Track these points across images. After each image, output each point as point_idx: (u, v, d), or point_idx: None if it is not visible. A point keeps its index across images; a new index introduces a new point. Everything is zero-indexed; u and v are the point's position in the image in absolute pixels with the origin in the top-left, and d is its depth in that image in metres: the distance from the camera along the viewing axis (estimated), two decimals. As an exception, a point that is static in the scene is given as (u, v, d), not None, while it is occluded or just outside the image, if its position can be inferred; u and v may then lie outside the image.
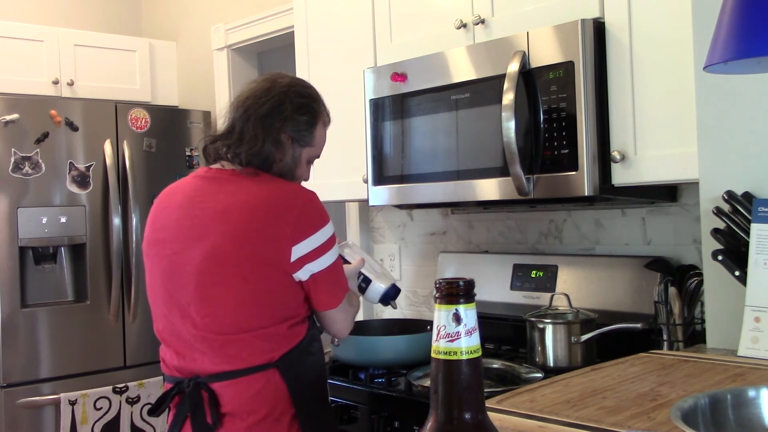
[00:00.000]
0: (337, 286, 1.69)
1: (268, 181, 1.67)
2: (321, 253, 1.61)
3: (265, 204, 1.60)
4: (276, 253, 1.57)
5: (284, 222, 1.58)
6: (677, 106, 1.68)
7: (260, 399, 1.58)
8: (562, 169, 1.80)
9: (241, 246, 1.57)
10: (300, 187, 1.68)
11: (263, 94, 1.72)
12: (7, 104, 3.15)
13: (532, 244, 2.39)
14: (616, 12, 1.77)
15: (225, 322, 1.58)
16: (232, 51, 3.67)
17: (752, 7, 1.02)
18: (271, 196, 1.62)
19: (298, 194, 1.63)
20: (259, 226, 1.58)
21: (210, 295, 1.58)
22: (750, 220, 1.44)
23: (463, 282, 0.76)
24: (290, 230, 1.57)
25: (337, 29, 2.51)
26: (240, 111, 1.72)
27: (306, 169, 1.79)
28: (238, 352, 1.58)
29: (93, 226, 3.34)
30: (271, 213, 1.58)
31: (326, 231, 1.63)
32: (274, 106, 1.70)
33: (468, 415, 0.76)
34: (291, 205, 1.60)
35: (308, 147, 1.76)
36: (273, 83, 1.74)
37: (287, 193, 1.63)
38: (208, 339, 1.59)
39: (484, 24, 2.04)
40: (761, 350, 1.38)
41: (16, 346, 3.13)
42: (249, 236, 1.57)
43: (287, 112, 1.70)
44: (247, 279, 1.57)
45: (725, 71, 1.15)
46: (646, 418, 1.04)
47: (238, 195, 1.63)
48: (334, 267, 1.66)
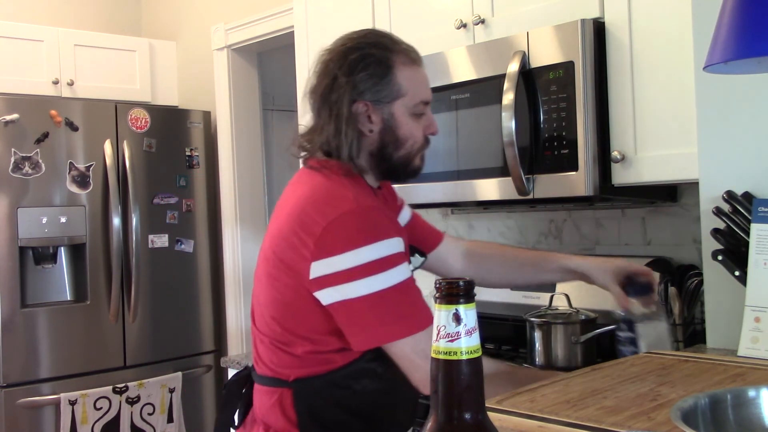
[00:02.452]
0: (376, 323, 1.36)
1: (323, 179, 1.45)
2: (350, 278, 1.33)
3: (302, 207, 1.41)
4: (298, 263, 1.37)
5: (310, 231, 1.36)
6: (677, 106, 1.68)
7: (272, 415, 1.44)
8: (562, 169, 1.80)
9: (276, 247, 1.42)
10: (348, 196, 1.39)
11: (320, 73, 1.50)
12: (7, 104, 3.15)
13: (532, 244, 2.39)
14: (616, 12, 1.77)
15: (260, 321, 1.47)
16: (232, 51, 3.67)
17: (752, 7, 1.02)
18: (311, 198, 1.41)
19: (341, 202, 1.38)
20: (291, 229, 1.40)
21: (255, 291, 1.50)
22: (750, 220, 1.44)
23: (463, 282, 0.76)
24: (314, 242, 1.35)
25: (337, 29, 2.50)
26: (309, 100, 1.52)
27: (415, 124, 1.48)
28: (265, 357, 1.47)
29: (93, 226, 3.34)
30: (302, 218, 1.39)
31: (362, 254, 1.33)
32: (329, 81, 1.47)
33: (468, 415, 0.75)
34: (324, 213, 1.36)
35: (399, 99, 1.46)
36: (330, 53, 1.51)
37: (329, 198, 1.40)
38: (257, 336, 1.50)
39: (484, 24, 2.04)
40: (761, 350, 1.38)
41: (16, 346, 3.13)
42: (281, 238, 1.42)
43: (341, 79, 1.45)
44: (272, 282, 1.43)
45: (725, 71, 1.15)
46: (646, 418, 1.04)
47: (293, 193, 1.48)
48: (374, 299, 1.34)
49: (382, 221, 1.39)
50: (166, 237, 3.56)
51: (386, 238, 1.36)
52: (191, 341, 3.65)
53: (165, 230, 3.56)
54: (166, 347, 3.54)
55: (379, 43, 1.49)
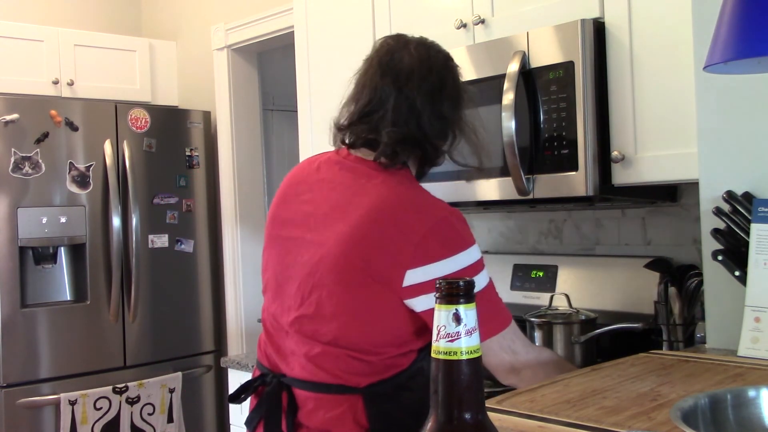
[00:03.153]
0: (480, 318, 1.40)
1: (405, 182, 1.44)
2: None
3: (391, 211, 1.36)
4: (389, 271, 1.33)
5: (407, 238, 1.33)
6: (677, 106, 1.68)
7: (339, 422, 1.40)
8: (562, 169, 1.80)
9: (353, 253, 1.36)
10: (440, 202, 1.41)
11: (441, 77, 1.48)
12: (7, 104, 3.15)
13: (532, 244, 2.39)
14: (616, 12, 1.77)
15: (322, 330, 1.40)
16: (232, 51, 3.67)
17: (752, 7, 1.02)
18: (402, 202, 1.38)
19: (434, 208, 1.38)
20: (379, 235, 1.35)
21: (312, 297, 1.41)
22: (750, 220, 1.44)
23: (463, 282, 0.76)
24: (411, 250, 1.32)
25: (337, 29, 2.51)
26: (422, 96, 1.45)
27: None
28: (329, 365, 1.40)
29: (93, 226, 3.34)
30: (395, 224, 1.35)
31: (459, 260, 1.35)
32: (454, 79, 1.52)
33: (468, 415, 0.76)
34: (421, 220, 1.35)
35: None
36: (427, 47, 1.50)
37: (422, 204, 1.38)
38: (305, 341, 1.42)
39: (484, 24, 2.04)
40: (761, 350, 1.38)
41: (16, 346, 3.13)
42: (364, 244, 1.35)
43: (465, 99, 1.53)
44: (351, 290, 1.37)
45: (725, 71, 1.15)
46: (646, 418, 1.04)
47: (365, 194, 1.41)
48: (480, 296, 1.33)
49: (468, 227, 1.43)
50: (166, 237, 3.56)
51: (474, 243, 1.40)
52: (191, 341, 3.65)
53: (165, 230, 3.56)
54: (166, 347, 3.55)
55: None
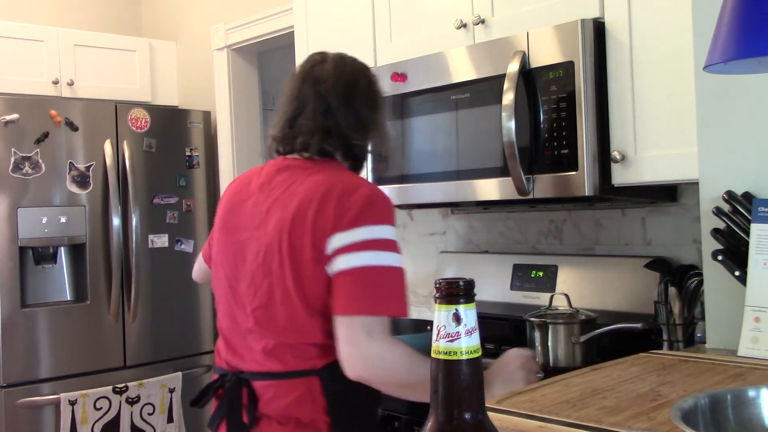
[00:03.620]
0: (364, 295, 1.41)
1: (335, 169, 1.55)
2: (361, 248, 1.41)
3: (322, 192, 1.46)
4: (321, 245, 1.43)
5: (334, 212, 1.43)
6: (677, 106, 1.68)
7: (298, 406, 1.48)
8: (562, 169, 1.80)
9: (295, 235, 1.45)
10: (371, 184, 1.52)
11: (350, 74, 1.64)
12: (7, 104, 3.15)
13: (532, 244, 2.39)
14: (616, 12, 1.77)
15: (276, 317, 1.48)
16: (232, 51, 3.67)
17: (752, 7, 1.02)
18: (332, 184, 1.47)
19: (362, 187, 1.48)
20: (313, 214, 1.44)
21: (263, 287, 1.49)
22: (750, 220, 1.44)
23: (463, 282, 0.76)
24: (335, 220, 1.42)
25: (337, 29, 2.51)
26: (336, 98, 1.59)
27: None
28: (282, 353, 1.48)
29: (93, 226, 3.34)
30: (325, 202, 1.44)
31: (378, 231, 1.43)
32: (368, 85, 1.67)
33: (468, 415, 0.75)
34: (350, 195, 1.44)
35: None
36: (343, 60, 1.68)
37: (351, 183, 1.48)
38: (262, 335, 1.50)
39: (484, 24, 2.04)
40: (761, 350, 1.38)
41: (16, 346, 3.13)
42: (302, 225, 1.45)
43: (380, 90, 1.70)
44: (296, 272, 1.45)
45: (725, 71, 1.15)
46: (646, 418, 1.04)
47: (300, 183, 1.51)
48: (377, 273, 1.42)
49: (393, 212, 1.50)
50: (166, 237, 3.56)
51: (394, 226, 1.48)
52: (191, 341, 3.65)
53: (165, 230, 3.56)
54: (166, 347, 3.54)
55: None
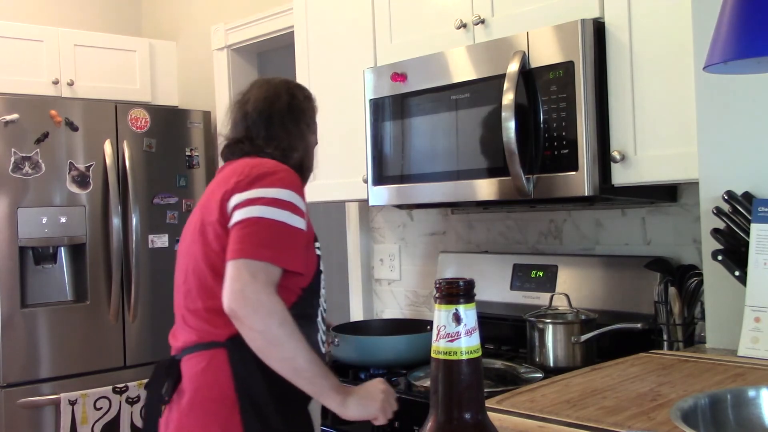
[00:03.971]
0: (251, 241, 1.51)
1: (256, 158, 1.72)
2: (253, 203, 1.55)
3: (232, 171, 1.65)
4: (223, 208, 1.59)
5: (237, 179, 1.60)
6: (677, 106, 1.68)
7: (202, 378, 1.57)
8: (562, 169, 1.80)
9: (204, 214, 1.64)
10: (272, 160, 1.69)
11: (273, 94, 1.80)
12: (7, 104, 3.15)
13: (532, 244, 2.39)
14: (616, 12, 1.77)
15: (191, 295, 1.62)
16: (232, 51, 3.67)
17: (752, 7, 1.02)
18: (245, 163, 1.67)
19: (270, 164, 1.65)
20: (220, 190, 1.62)
21: (185, 268, 1.66)
22: (750, 220, 1.44)
23: (463, 282, 0.76)
24: (235, 185, 1.59)
25: (337, 29, 2.51)
26: (255, 113, 1.78)
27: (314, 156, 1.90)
28: (194, 327, 1.61)
29: (93, 226, 3.34)
30: (232, 177, 1.62)
31: (275, 192, 1.57)
32: (290, 101, 1.80)
33: (468, 415, 0.76)
34: (255, 167, 1.62)
35: (315, 134, 1.88)
36: (270, 84, 1.85)
37: (260, 161, 1.67)
38: (182, 311, 1.66)
39: (484, 24, 2.04)
40: (761, 350, 1.38)
41: (16, 346, 3.13)
42: (211, 203, 1.63)
43: (302, 103, 1.83)
44: (206, 250, 1.60)
45: (725, 71, 1.15)
46: (646, 418, 1.04)
47: (221, 173, 1.72)
48: (267, 224, 1.53)
49: (294, 178, 1.64)
50: (166, 237, 3.56)
51: (291, 189, 1.60)
52: (191, 341, 3.64)
53: (165, 230, 3.56)
54: (166, 347, 3.52)
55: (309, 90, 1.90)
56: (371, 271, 2.92)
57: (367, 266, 2.92)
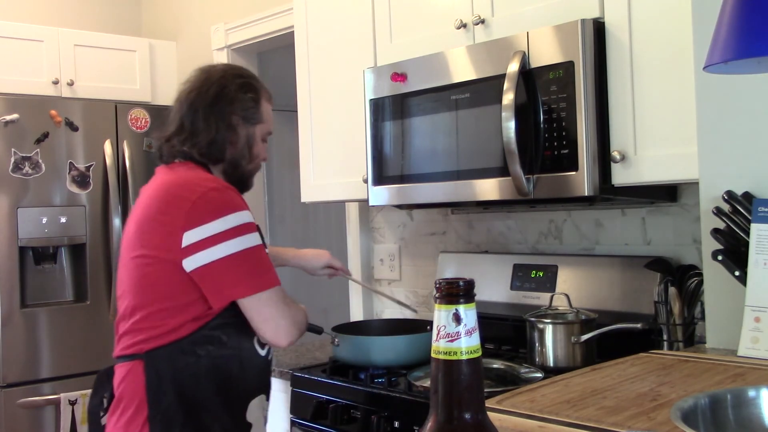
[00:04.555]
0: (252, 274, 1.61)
1: (184, 171, 1.71)
2: (221, 240, 1.58)
3: (165, 191, 1.66)
4: (167, 239, 1.59)
5: (179, 208, 1.60)
6: (677, 106, 1.68)
7: (122, 389, 1.64)
8: (562, 169, 1.80)
9: (139, 232, 1.66)
10: (210, 178, 1.68)
11: (203, 84, 1.77)
12: (7, 104, 3.15)
13: (532, 244, 2.39)
14: (616, 12, 1.77)
15: (123, 308, 1.68)
16: (232, 51, 3.67)
17: (752, 7, 1.02)
18: (175, 183, 1.67)
19: (201, 183, 1.64)
20: (155, 212, 1.63)
21: (120, 282, 1.71)
22: (750, 220, 1.44)
23: (463, 282, 0.76)
24: (185, 215, 1.59)
25: (337, 29, 2.51)
26: (186, 105, 1.77)
27: (262, 147, 1.85)
28: (126, 338, 1.66)
29: (93, 226, 3.34)
30: (168, 199, 1.63)
31: (229, 220, 1.59)
32: (218, 92, 1.76)
33: (468, 415, 0.76)
34: (191, 191, 1.61)
35: (260, 124, 1.82)
36: (208, 73, 1.80)
37: (190, 181, 1.65)
38: (119, 326, 1.69)
39: (484, 24, 2.04)
40: (761, 350, 1.38)
41: (16, 346, 3.13)
42: (145, 222, 1.65)
43: (231, 94, 1.76)
44: (137, 265, 1.64)
45: (725, 71, 1.15)
46: (646, 418, 1.04)
47: (153, 184, 1.72)
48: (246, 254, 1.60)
49: (238, 197, 1.66)
50: (166, 237, 3.56)
51: (243, 209, 1.63)
52: (191, 341, 3.64)
53: (165, 230, 3.55)
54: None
55: (255, 77, 1.86)
56: (371, 271, 2.92)
57: (367, 266, 2.92)
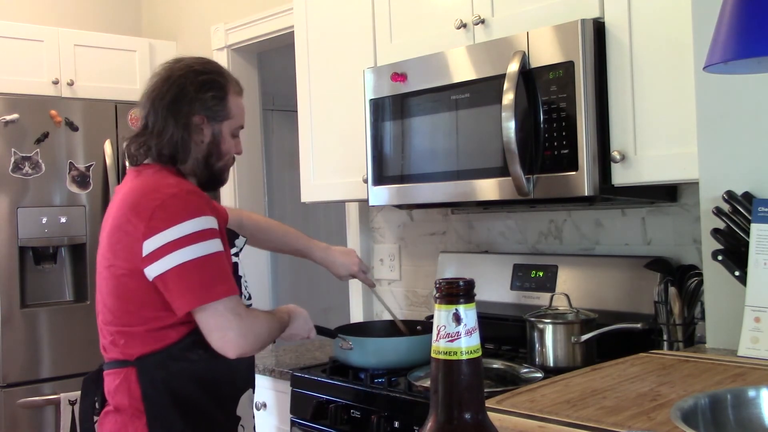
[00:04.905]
0: (203, 284, 1.56)
1: (149, 175, 1.68)
2: (175, 248, 1.55)
3: (131, 199, 1.63)
4: (131, 246, 1.58)
5: (140, 216, 1.58)
6: (677, 106, 1.68)
7: (119, 395, 1.64)
8: (562, 169, 1.80)
9: (110, 241, 1.64)
10: (172, 183, 1.64)
11: (163, 84, 1.73)
12: (7, 104, 3.15)
13: (532, 244, 2.39)
14: (616, 12, 1.77)
15: (105, 315, 1.67)
16: (232, 51, 3.67)
17: (752, 8, 1.02)
18: (139, 190, 1.64)
19: (161, 190, 1.61)
20: (122, 221, 1.61)
21: (99, 288, 1.70)
22: (750, 220, 1.45)
23: (463, 282, 0.76)
24: (144, 224, 1.57)
25: (337, 29, 2.51)
26: (147, 105, 1.73)
27: (234, 142, 1.80)
28: (111, 345, 1.66)
29: (93, 226, 3.34)
30: (132, 208, 1.61)
31: (185, 227, 1.56)
32: (177, 92, 1.71)
33: (468, 415, 0.76)
34: (151, 199, 1.59)
35: (227, 120, 1.77)
36: (170, 71, 1.75)
37: (152, 188, 1.62)
38: (103, 331, 1.70)
39: (484, 24, 2.04)
40: (761, 350, 1.38)
41: (15, 346, 3.13)
42: (114, 231, 1.64)
43: (191, 94, 1.71)
44: (113, 275, 1.63)
45: (725, 71, 1.15)
46: (646, 418, 1.04)
47: (123, 189, 1.70)
48: (198, 263, 1.56)
49: (200, 202, 1.62)
50: (166, 237, 3.56)
51: (203, 215, 1.59)
52: (191, 341, 3.64)
53: (165, 230, 3.55)
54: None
55: (221, 72, 1.80)
56: (371, 272, 2.92)
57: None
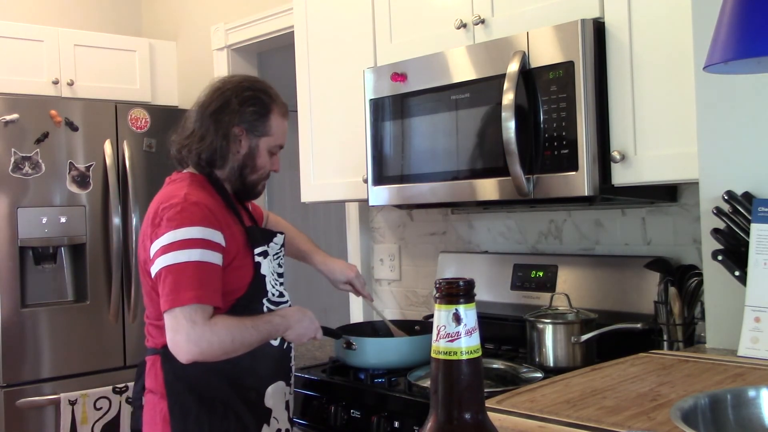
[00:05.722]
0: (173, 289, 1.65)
1: (172, 184, 1.84)
2: (165, 251, 1.67)
3: (152, 206, 1.79)
4: (147, 250, 1.74)
5: (153, 222, 1.73)
6: (677, 106, 1.68)
7: (150, 378, 1.81)
8: (562, 169, 1.80)
9: (142, 243, 1.80)
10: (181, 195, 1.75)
11: (213, 94, 1.89)
12: (7, 104, 3.15)
13: (532, 244, 2.39)
14: (616, 12, 1.77)
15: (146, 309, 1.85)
16: (232, 51, 3.67)
17: (752, 7, 1.02)
18: (158, 198, 1.80)
19: (171, 199, 1.74)
20: (145, 225, 1.78)
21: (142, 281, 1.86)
22: (750, 220, 1.45)
23: (463, 282, 0.76)
24: (152, 230, 1.73)
25: (337, 29, 2.51)
26: (197, 113, 1.88)
27: (270, 160, 1.91)
28: (148, 335, 1.85)
29: (93, 226, 3.34)
30: (150, 214, 1.77)
31: (178, 234, 1.67)
32: (222, 103, 1.85)
33: (468, 415, 0.76)
34: (162, 207, 1.73)
35: (265, 137, 1.88)
36: (222, 83, 1.91)
37: (166, 197, 1.76)
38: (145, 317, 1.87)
39: (484, 24, 2.04)
40: (761, 350, 1.38)
41: (16, 346, 3.13)
42: (142, 234, 1.81)
43: (234, 106, 1.84)
44: (144, 274, 1.80)
45: (725, 71, 1.15)
46: (646, 418, 1.04)
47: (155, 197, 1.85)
48: (177, 268, 1.65)
49: (202, 212, 1.72)
50: (166, 237, 3.56)
51: (200, 225, 1.69)
52: (191, 341, 3.64)
53: (165, 230, 3.55)
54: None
55: (267, 92, 1.90)
56: (371, 271, 2.92)
57: (367, 266, 2.92)
